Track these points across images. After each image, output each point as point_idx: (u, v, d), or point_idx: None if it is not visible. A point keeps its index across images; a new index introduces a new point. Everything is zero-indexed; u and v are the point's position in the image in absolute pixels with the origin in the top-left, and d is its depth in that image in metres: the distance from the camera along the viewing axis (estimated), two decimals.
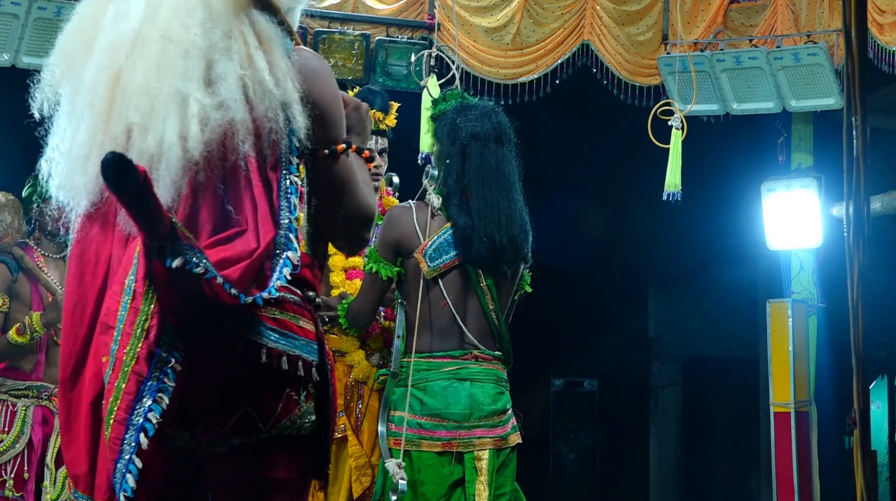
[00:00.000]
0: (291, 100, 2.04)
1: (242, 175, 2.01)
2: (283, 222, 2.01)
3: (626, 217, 9.66)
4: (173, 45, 2.00)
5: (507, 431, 3.69)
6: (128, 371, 1.88)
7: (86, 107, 2.06)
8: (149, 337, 1.89)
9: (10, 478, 4.58)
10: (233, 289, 1.87)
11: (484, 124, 3.75)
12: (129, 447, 1.87)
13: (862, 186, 1.75)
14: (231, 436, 2.00)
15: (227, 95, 1.99)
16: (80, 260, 2.08)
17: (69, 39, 2.15)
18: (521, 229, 3.71)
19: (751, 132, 7.80)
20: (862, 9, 1.78)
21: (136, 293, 1.91)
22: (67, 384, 2.05)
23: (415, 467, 3.58)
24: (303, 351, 2.05)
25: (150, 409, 1.87)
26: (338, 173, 2.15)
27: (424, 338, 3.67)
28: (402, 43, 6.49)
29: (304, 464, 2.13)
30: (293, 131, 2.04)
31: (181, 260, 1.81)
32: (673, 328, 10.85)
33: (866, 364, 1.76)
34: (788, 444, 7.22)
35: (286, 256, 1.99)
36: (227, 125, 1.99)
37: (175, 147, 1.96)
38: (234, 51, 2.02)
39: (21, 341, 4.54)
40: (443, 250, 3.68)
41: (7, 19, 5.89)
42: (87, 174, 2.05)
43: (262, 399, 2.01)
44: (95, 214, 2.08)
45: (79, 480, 2.01)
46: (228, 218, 2.00)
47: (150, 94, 1.99)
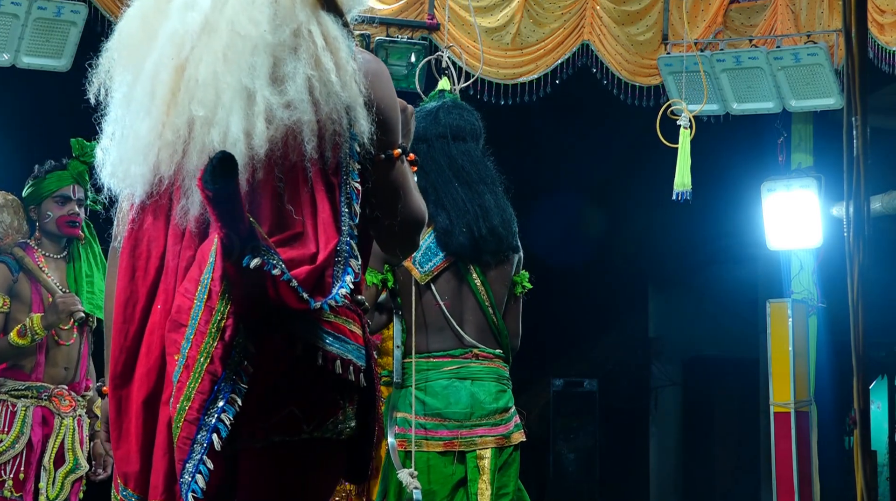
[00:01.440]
0: (356, 103, 2.00)
1: (303, 177, 1.97)
2: (345, 228, 1.97)
3: (626, 217, 9.66)
4: (241, 39, 1.96)
5: (509, 429, 3.69)
6: (202, 371, 1.86)
7: (146, 96, 2.01)
8: (224, 337, 1.87)
9: (9, 478, 4.57)
10: (304, 293, 1.85)
11: (429, 125, 3.73)
12: (201, 447, 1.85)
13: (862, 186, 1.74)
14: (272, 433, 1.97)
15: (294, 94, 1.95)
16: (132, 255, 2.04)
17: (131, 25, 2.08)
18: (502, 219, 3.69)
19: (751, 132, 7.80)
20: (862, 9, 1.77)
21: (211, 292, 1.88)
22: (118, 381, 2.01)
23: (418, 468, 3.58)
24: (353, 356, 2.02)
25: (223, 410, 1.85)
26: (394, 179, 2.12)
27: (423, 339, 3.67)
28: (402, 43, 6.49)
29: (337, 469, 2.10)
30: (354, 135, 2.01)
31: (259, 260, 1.79)
32: (673, 328, 10.85)
33: (866, 364, 1.76)
34: (788, 444, 7.22)
35: (349, 264, 1.96)
36: (292, 125, 1.95)
37: (240, 143, 1.92)
38: (302, 50, 1.98)
39: (22, 343, 4.54)
40: (431, 254, 3.68)
41: (7, 19, 5.89)
42: (146, 164, 2.00)
43: (309, 400, 1.98)
44: (149, 206, 2.04)
45: (129, 478, 1.99)
46: (286, 218, 1.97)
47: (217, 87, 1.95)
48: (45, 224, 4.72)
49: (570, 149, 8.50)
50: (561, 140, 8.42)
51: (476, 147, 3.79)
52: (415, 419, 3.61)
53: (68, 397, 4.69)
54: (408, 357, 3.68)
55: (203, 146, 1.94)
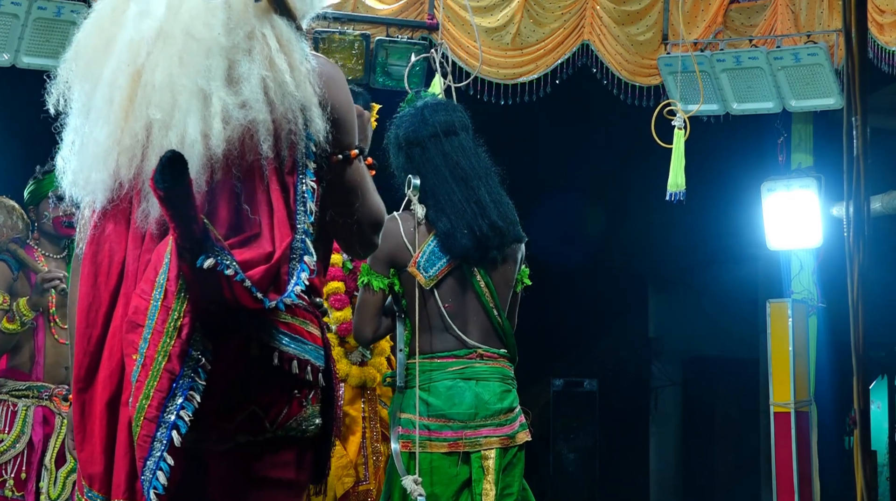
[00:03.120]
0: (311, 103, 2.05)
1: (259, 177, 2.02)
2: (300, 226, 2.01)
3: (626, 217, 9.67)
4: (196, 42, 2.00)
5: (514, 429, 3.67)
6: (160, 369, 1.89)
7: (104, 103, 2.05)
8: (181, 336, 1.90)
9: (10, 478, 4.58)
10: (258, 293, 1.88)
11: (419, 126, 3.73)
12: (161, 444, 1.88)
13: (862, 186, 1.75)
14: (237, 434, 2.01)
15: (249, 94, 1.99)
16: (93, 261, 2.08)
17: (88, 36, 2.13)
18: (500, 211, 3.68)
19: (751, 132, 7.80)
20: (862, 9, 1.78)
21: (167, 292, 1.91)
22: (81, 384, 2.05)
23: (423, 469, 3.57)
24: (311, 356, 2.06)
25: (182, 406, 1.88)
26: (351, 178, 2.17)
27: (427, 340, 3.67)
28: (402, 43, 6.49)
29: (306, 467, 2.14)
30: (310, 135, 2.05)
31: (212, 261, 1.82)
32: (673, 328, 10.85)
33: (866, 364, 1.76)
34: (788, 444, 7.22)
35: (303, 261, 2.00)
36: (248, 125, 1.99)
37: (197, 144, 1.96)
38: (255, 52, 2.03)
39: (13, 327, 4.54)
40: (435, 258, 3.67)
41: (7, 19, 5.89)
42: (105, 170, 2.05)
43: (270, 400, 2.02)
44: (110, 211, 2.08)
45: (94, 479, 2.02)
46: (244, 218, 2.01)
47: (173, 90, 1.98)
48: (43, 224, 4.74)
49: (570, 149, 8.51)
50: (561, 140, 8.42)
51: (468, 138, 3.78)
52: (419, 419, 3.60)
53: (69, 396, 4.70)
54: (412, 359, 3.68)
55: (161, 149, 1.96)
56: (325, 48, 6.38)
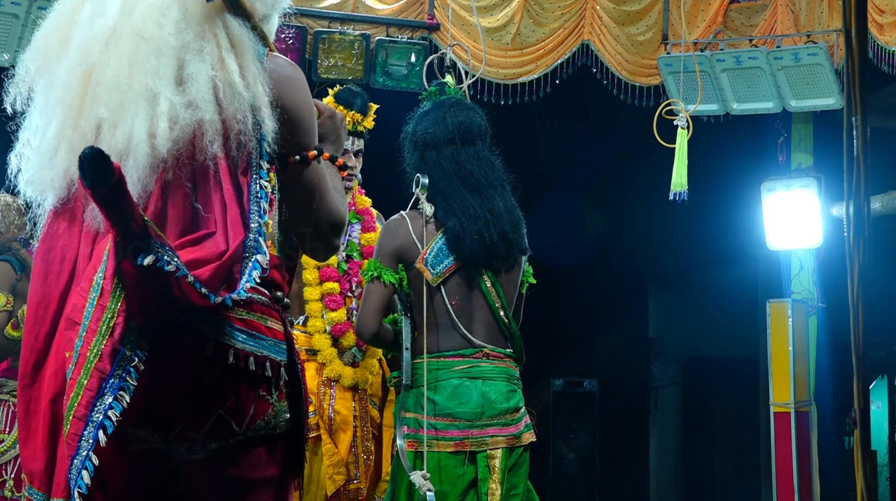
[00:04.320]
0: (261, 103, 2.05)
1: (212, 176, 2.02)
2: (253, 225, 2.02)
3: (626, 217, 9.67)
4: (146, 42, 2.01)
5: (519, 429, 3.67)
6: (90, 368, 1.88)
7: (57, 103, 2.06)
8: (114, 335, 1.89)
9: (10, 479, 4.58)
10: (203, 289, 1.88)
11: (437, 129, 3.71)
12: (87, 443, 1.87)
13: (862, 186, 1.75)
14: (208, 441, 2.01)
15: (196, 94, 2.00)
16: (45, 257, 2.08)
17: (45, 36, 2.15)
18: (511, 222, 3.69)
19: (751, 132, 7.80)
20: (862, 9, 1.78)
21: (103, 290, 1.91)
22: (27, 380, 2.05)
23: (429, 468, 3.56)
24: (270, 351, 2.05)
25: (110, 406, 1.87)
26: (308, 179, 2.15)
27: (434, 340, 3.66)
28: (402, 43, 6.49)
29: (284, 462, 2.14)
30: (262, 136, 2.06)
31: (152, 258, 1.81)
32: (673, 328, 10.86)
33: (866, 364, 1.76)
34: (788, 444, 7.22)
35: (255, 259, 2.00)
36: (196, 125, 2.00)
37: (143, 144, 1.97)
38: (206, 52, 2.03)
39: (16, 335, 4.55)
40: (442, 256, 3.67)
41: (7, 19, 5.89)
42: (54, 170, 2.06)
43: (234, 402, 2.02)
44: (62, 210, 2.08)
45: (34, 476, 2.02)
46: (197, 218, 2.01)
47: (121, 90, 2.00)
48: None
49: (570, 149, 8.51)
50: (561, 140, 8.42)
51: (484, 147, 3.77)
52: (424, 419, 3.60)
53: None
54: (418, 358, 3.67)
55: (109, 148, 1.96)
56: (325, 48, 6.38)
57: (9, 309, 4.62)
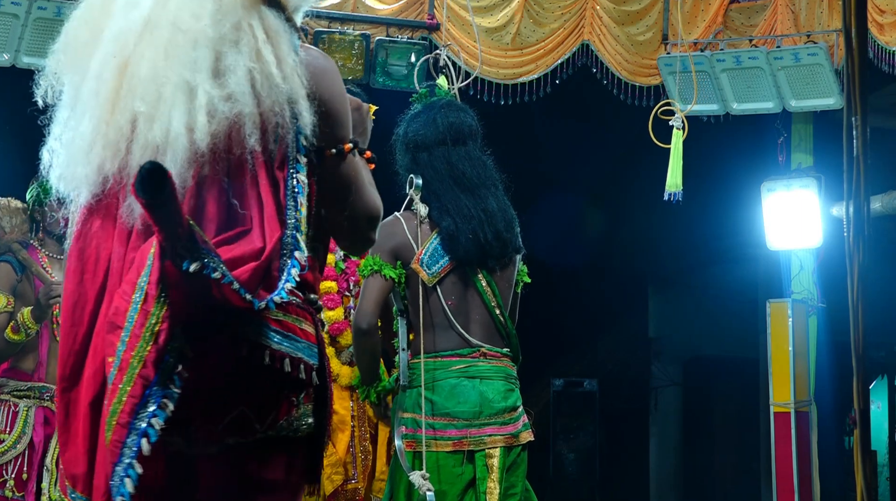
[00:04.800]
0: (298, 96, 2.01)
1: (248, 171, 1.98)
2: (290, 221, 1.97)
3: (626, 217, 9.67)
4: (182, 34, 1.96)
5: (517, 428, 3.68)
6: (134, 375, 1.84)
7: (91, 96, 2.02)
8: (158, 341, 1.84)
9: (10, 478, 4.58)
10: (247, 295, 1.84)
11: (429, 130, 3.72)
12: (130, 451, 1.83)
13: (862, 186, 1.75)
14: (225, 436, 1.97)
15: (235, 87, 1.95)
16: (80, 257, 2.03)
17: (76, 27, 2.10)
18: (505, 221, 3.70)
19: (751, 132, 7.80)
20: (862, 9, 1.78)
21: (148, 296, 1.85)
22: (66, 383, 2.01)
23: (428, 468, 3.57)
24: (304, 354, 2.01)
25: (153, 414, 1.83)
26: (345, 173, 2.12)
27: (430, 340, 3.67)
28: (402, 43, 6.49)
29: (299, 467, 2.10)
30: (300, 129, 2.01)
31: (199, 264, 1.78)
32: (673, 328, 10.86)
33: (866, 364, 1.76)
34: (788, 444, 7.22)
35: (294, 256, 1.95)
36: (234, 118, 1.95)
37: (181, 138, 1.92)
38: (243, 43, 1.99)
39: (17, 338, 4.54)
40: (438, 256, 3.67)
41: (7, 19, 5.89)
42: (89, 165, 2.01)
43: (259, 400, 1.98)
44: (96, 207, 2.03)
45: (77, 480, 1.98)
46: (233, 214, 1.96)
47: (158, 83, 1.95)
48: (49, 225, 4.73)
49: (570, 149, 8.50)
50: (561, 140, 8.41)
51: (475, 147, 3.78)
52: (424, 419, 3.60)
53: None
54: (415, 358, 3.67)
55: (146, 143, 1.94)
56: (325, 48, 6.38)
57: (9, 310, 4.62)
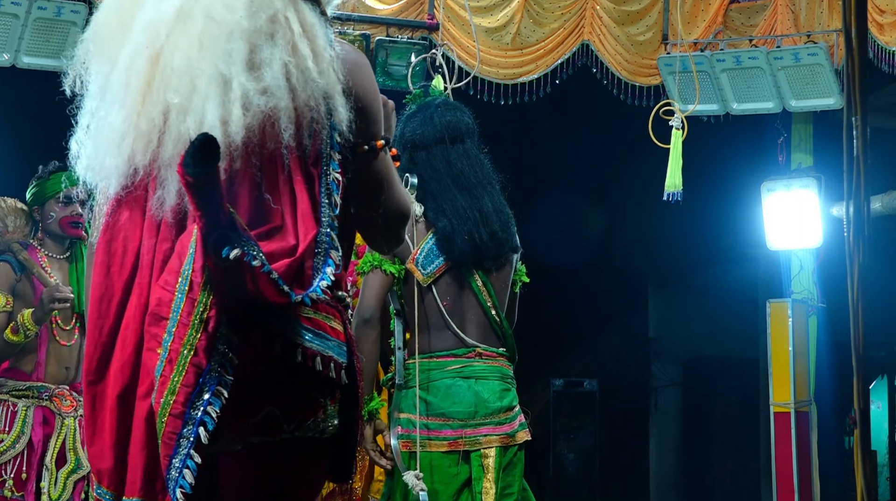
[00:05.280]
0: (334, 91, 1.97)
1: (281, 166, 1.94)
2: (325, 219, 1.94)
3: (626, 217, 9.67)
4: (217, 25, 1.92)
5: (514, 428, 3.67)
6: (185, 364, 1.82)
7: (121, 87, 1.98)
8: (208, 329, 1.82)
9: (9, 478, 4.58)
10: (285, 286, 1.81)
11: (426, 130, 3.71)
12: (187, 441, 1.81)
13: (862, 186, 1.75)
14: (252, 434, 1.94)
15: (271, 81, 1.92)
16: (106, 249, 2.00)
17: (106, 17, 2.05)
18: (501, 221, 3.69)
19: (751, 132, 7.80)
20: (862, 9, 1.78)
21: (192, 284, 1.83)
22: (92, 377, 1.98)
23: (423, 468, 3.57)
24: (334, 352, 1.97)
25: (209, 402, 1.81)
26: (376, 170, 2.09)
27: (426, 340, 3.67)
28: (402, 43, 6.49)
29: (321, 468, 2.07)
30: (334, 125, 1.98)
31: (238, 251, 1.75)
32: (673, 328, 10.86)
33: (866, 364, 1.76)
34: (788, 444, 7.22)
35: (329, 255, 1.93)
36: (269, 112, 1.92)
37: (216, 131, 1.87)
38: (278, 36, 1.95)
39: (16, 339, 4.54)
40: (433, 256, 3.67)
41: (7, 19, 5.89)
42: (120, 156, 1.97)
43: (288, 399, 1.94)
44: (125, 199, 2.00)
45: (103, 475, 1.95)
46: (264, 210, 1.93)
47: (192, 74, 1.91)
48: (49, 225, 4.72)
49: (570, 149, 8.51)
50: (561, 140, 8.42)
51: (472, 145, 3.78)
52: (419, 419, 3.60)
53: (69, 397, 4.69)
54: (411, 358, 3.67)
55: (178, 135, 1.91)
56: None
57: (8, 310, 4.62)
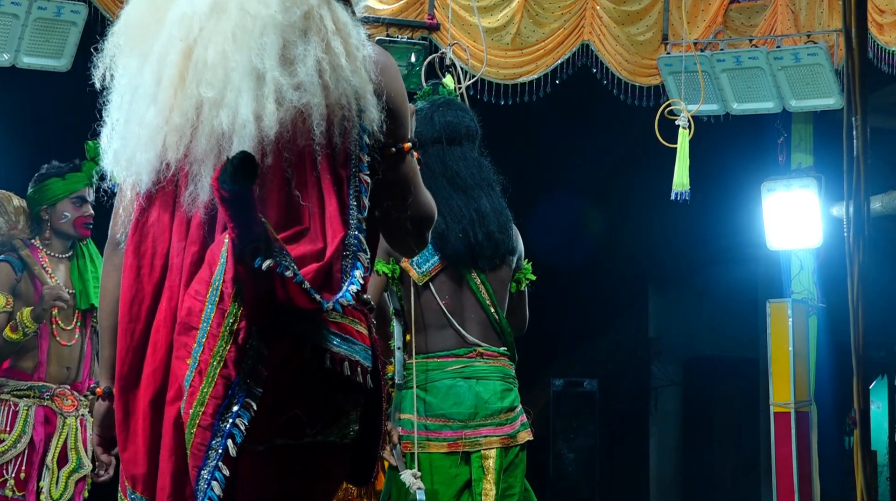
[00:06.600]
0: (365, 91, 1.96)
1: (310, 166, 1.93)
2: (353, 222, 1.93)
3: (626, 217, 9.67)
4: (251, 18, 1.91)
5: (515, 428, 3.65)
6: (215, 376, 1.82)
7: (153, 81, 1.97)
8: (238, 341, 1.82)
9: (11, 478, 4.57)
10: (316, 295, 1.81)
11: (425, 129, 3.70)
12: (216, 453, 1.81)
13: (862, 186, 1.75)
14: (276, 436, 1.92)
15: (305, 77, 1.91)
16: (136, 252, 1.99)
17: (137, 9, 2.04)
18: (498, 223, 3.67)
19: (751, 132, 7.80)
20: (862, 9, 1.78)
21: (223, 294, 1.83)
22: (125, 382, 1.97)
23: (423, 469, 3.56)
24: (360, 357, 1.97)
25: (237, 414, 1.81)
26: (403, 173, 2.07)
27: (423, 340, 3.66)
28: (402, 43, 6.49)
29: (340, 472, 2.07)
30: (363, 126, 1.97)
31: (271, 262, 1.75)
32: (673, 328, 10.85)
33: (866, 364, 1.76)
34: (788, 444, 7.23)
35: (358, 258, 1.92)
36: (302, 108, 1.90)
37: (249, 125, 1.88)
38: (312, 33, 1.95)
39: (15, 337, 4.54)
40: (428, 254, 3.65)
41: (7, 19, 5.89)
42: (152, 150, 1.95)
43: (313, 403, 1.93)
44: (155, 195, 1.99)
45: (137, 481, 1.95)
46: (293, 208, 1.92)
47: (226, 68, 1.90)
48: (61, 225, 4.70)
49: (570, 149, 8.51)
50: (561, 140, 8.42)
51: (471, 149, 3.76)
52: (417, 420, 3.59)
53: (71, 396, 4.69)
54: (411, 358, 3.66)
55: (212, 129, 1.91)
56: None
57: (8, 310, 4.61)
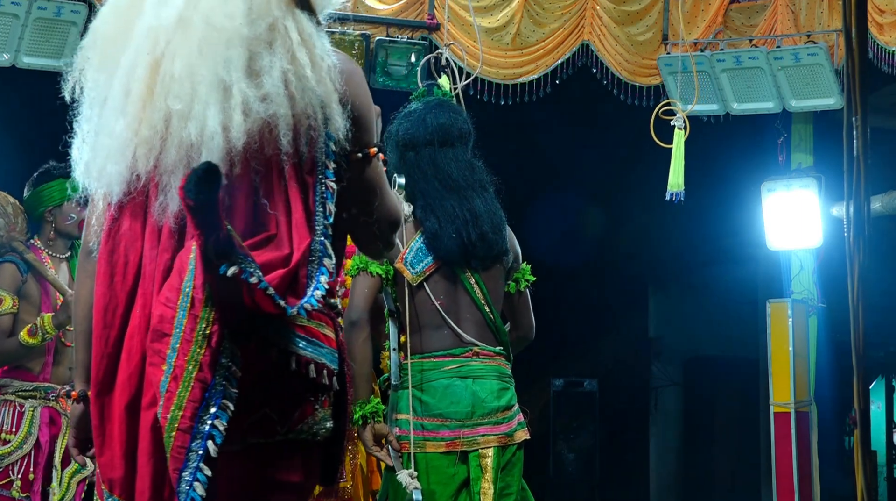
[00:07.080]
0: (331, 99, 2.01)
1: (277, 173, 1.98)
2: (318, 227, 1.98)
3: (626, 217, 9.67)
4: (217, 32, 1.96)
5: (512, 427, 3.65)
6: (191, 379, 1.85)
7: (121, 93, 2.01)
8: (211, 344, 1.86)
9: (17, 479, 4.58)
10: (281, 301, 1.85)
11: (417, 130, 3.70)
12: (196, 455, 1.85)
13: (862, 186, 1.75)
14: (247, 435, 1.98)
15: (271, 88, 1.96)
16: (109, 260, 2.03)
17: (105, 23, 2.09)
18: (492, 224, 3.67)
19: (751, 132, 7.81)
20: (862, 9, 1.78)
21: (194, 300, 1.87)
22: (99, 387, 2.01)
23: (420, 469, 3.56)
24: (327, 359, 2.02)
25: (216, 416, 1.85)
26: (369, 177, 2.13)
27: (418, 340, 3.66)
28: (402, 43, 6.49)
29: (313, 470, 2.12)
30: (329, 134, 2.02)
31: (236, 269, 1.79)
32: (673, 328, 10.86)
33: (866, 364, 1.76)
34: (788, 444, 7.23)
35: (323, 264, 1.97)
36: (269, 118, 1.95)
37: (217, 136, 1.92)
38: (277, 44, 1.99)
39: (33, 342, 4.54)
40: (422, 255, 3.66)
41: (7, 19, 5.89)
42: (122, 163, 2.00)
43: (281, 403, 2.00)
44: (126, 205, 2.03)
45: (114, 484, 1.99)
46: (261, 214, 1.97)
47: (192, 80, 1.95)
48: (67, 226, 4.70)
49: (570, 149, 8.50)
50: (561, 140, 8.42)
51: (464, 151, 3.75)
52: (413, 419, 3.59)
53: None
54: (406, 359, 3.67)
55: (181, 141, 1.94)
56: None
57: (14, 311, 4.62)
